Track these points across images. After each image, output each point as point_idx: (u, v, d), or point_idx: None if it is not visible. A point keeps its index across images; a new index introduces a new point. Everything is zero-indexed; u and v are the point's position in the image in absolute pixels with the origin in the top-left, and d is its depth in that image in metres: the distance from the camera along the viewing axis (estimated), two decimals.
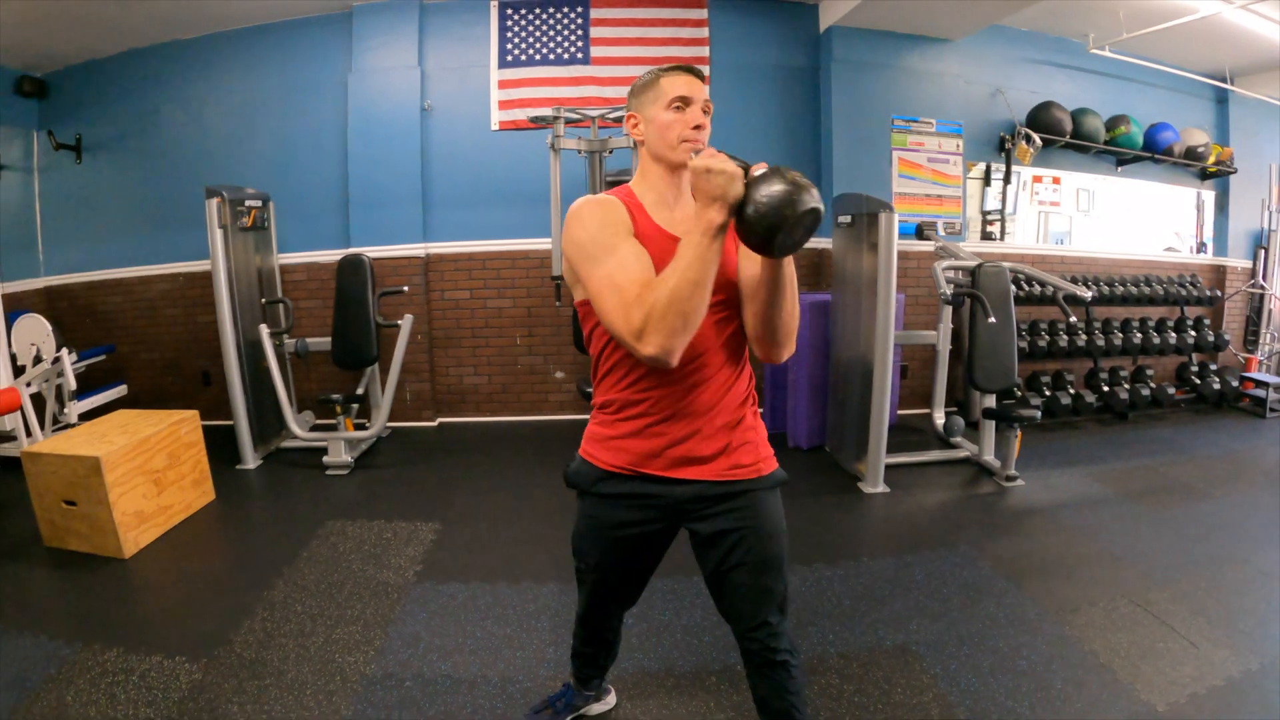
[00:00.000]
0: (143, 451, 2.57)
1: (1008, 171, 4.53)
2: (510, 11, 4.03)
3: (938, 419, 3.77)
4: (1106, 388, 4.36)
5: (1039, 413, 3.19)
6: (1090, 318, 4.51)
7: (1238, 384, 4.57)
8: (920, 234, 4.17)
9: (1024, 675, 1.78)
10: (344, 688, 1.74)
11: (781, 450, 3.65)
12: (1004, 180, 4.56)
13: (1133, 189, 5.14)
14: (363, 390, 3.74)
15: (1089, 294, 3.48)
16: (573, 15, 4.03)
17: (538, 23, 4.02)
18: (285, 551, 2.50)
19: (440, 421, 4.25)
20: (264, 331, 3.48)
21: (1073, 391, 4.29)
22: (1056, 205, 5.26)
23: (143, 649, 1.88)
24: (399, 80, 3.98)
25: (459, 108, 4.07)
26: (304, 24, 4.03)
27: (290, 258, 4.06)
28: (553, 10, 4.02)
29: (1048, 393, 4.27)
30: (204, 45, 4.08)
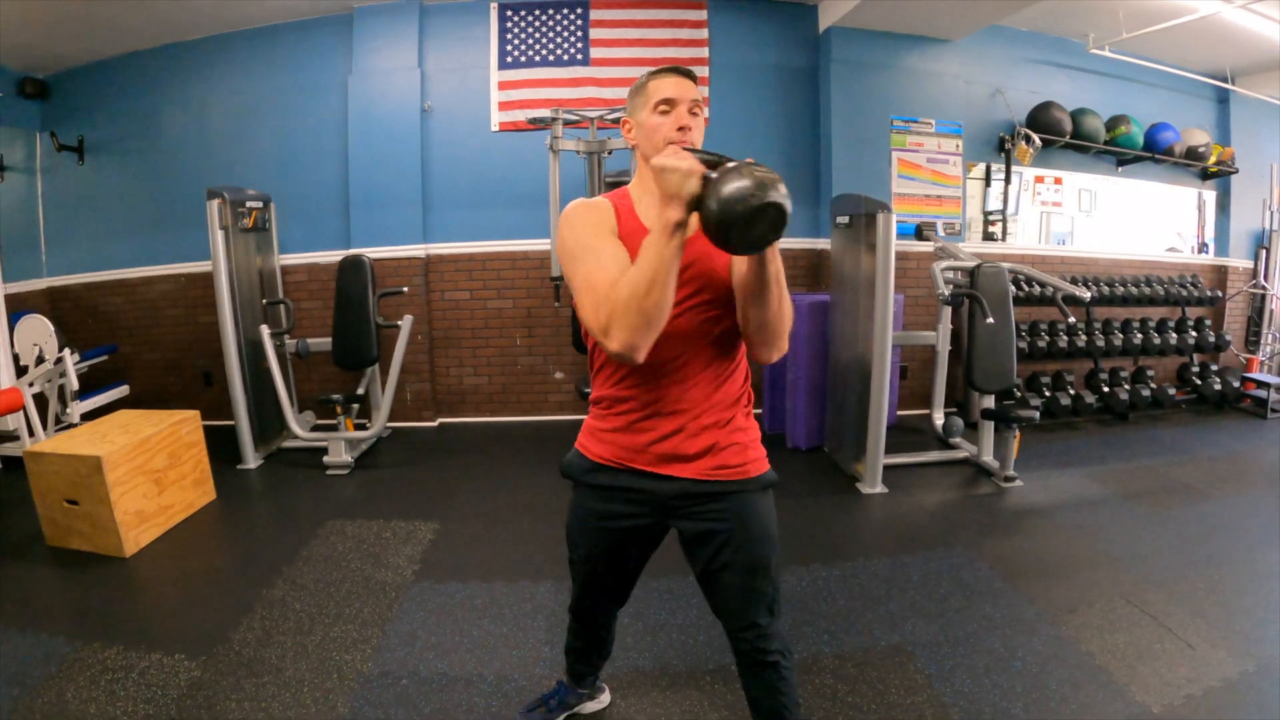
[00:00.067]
0: (144, 451, 2.59)
1: (1007, 172, 4.53)
2: (510, 13, 4.04)
3: (937, 419, 3.77)
4: (1106, 388, 4.34)
5: (1038, 413, 3.19)
6: (1090, 318, 4.50)
7: (1239, 384, 4.56)
8: (919, 234, 4.17)
9: (1019, 676, 1.78)
10: (341, 685, 1.76)
11: (780, 450, 3.68)
12: (1004, 181, 4.56)
13: (1134, 189, 5.13)
14: (363, 390, 3.75)
15: (1088, 294, 3.48)
16: (572, 16, 4.04)
17: (537, 24, 4.03)
18: (285, 550, 2.51)
19: (440, 422, 4.26)
20: (265, 332, 3.50)
21: (1072, 392, 4.28)
22: (1058, 206, 5.26)
23: (142, 646, 1.90)
24: (399, 81, 3.99)
25: (459, 109, 4.08)
26: (305, 26, 4.05)
27: (291, 258, 4.08)
28: (552, 12, 4.03)
29: (1047, 393, 4.25)
30: (205, 47, 4.10)
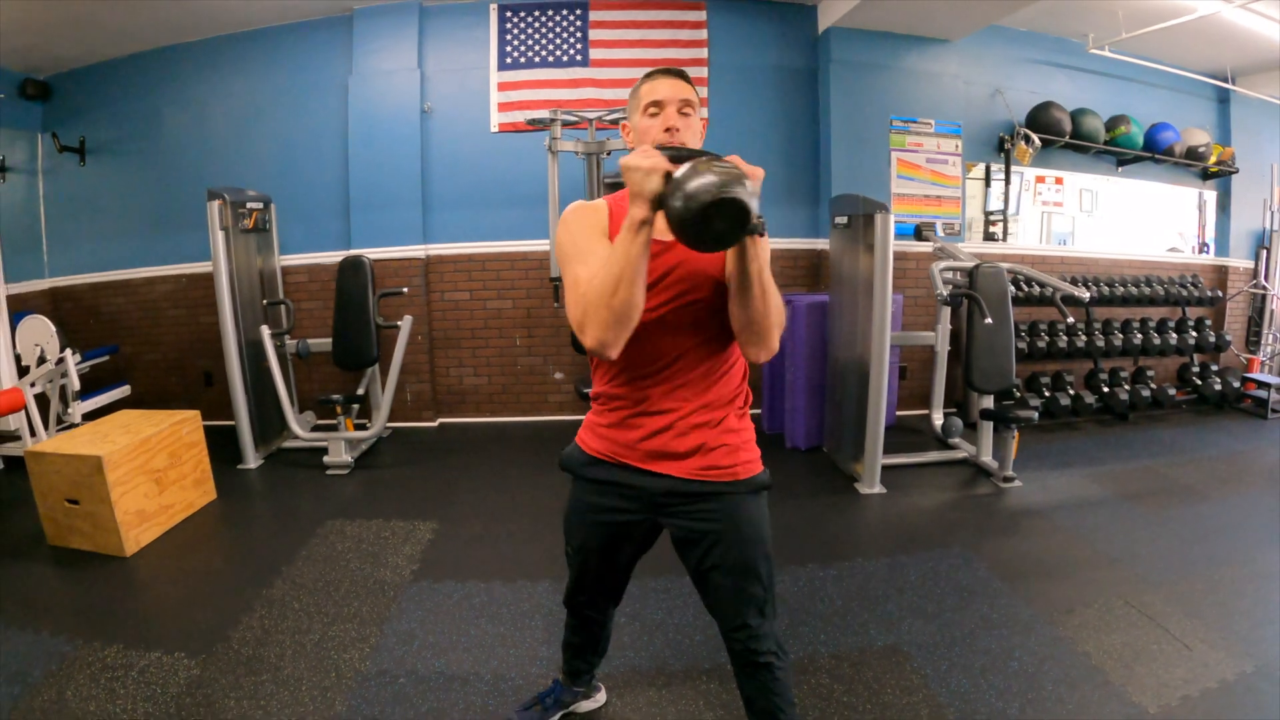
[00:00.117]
0: (144, 451, 2.60)
1: (1007, 172, 4.52)
2: (509, 14, 4.05)
3: (936, 420, 3.77)
4: (1106, 388, 4.34)
5: (1036, 414, 3.19)
6: (1090, 318, 4.49)
7: (1239, 385, 4.55)
8: (919, 235, 4.17)
9: (1015, 676, 1.78)
10: (339, 684, 1.77)
11: (779, 450, 3.69)
12: (1004, 181, 4.56)
13: (1134, 189, 5.12)
14: (363, 391, 3.77)
15: (1086, 295, 3.48)
16: (571, 18, 4.04)
17: (537, 25, 4.04)
18: (285, 550, 2.53)
19: (441, 422, 4.27)
20: (265, 332, 3.51)
21: (1072, 392, 4.27)
22: (1059, 206, 5.26)
23: (142, 645, 1.91)
24: (399, 83, 4.00)
25: (459, 110, 4.09)
26: (305, 27, 4.06)
27: (291, 259, 4.09)
28: (552, 13, 4.04)
29: (1047, 394, 4.25)
30: (206, 48, 4.12)
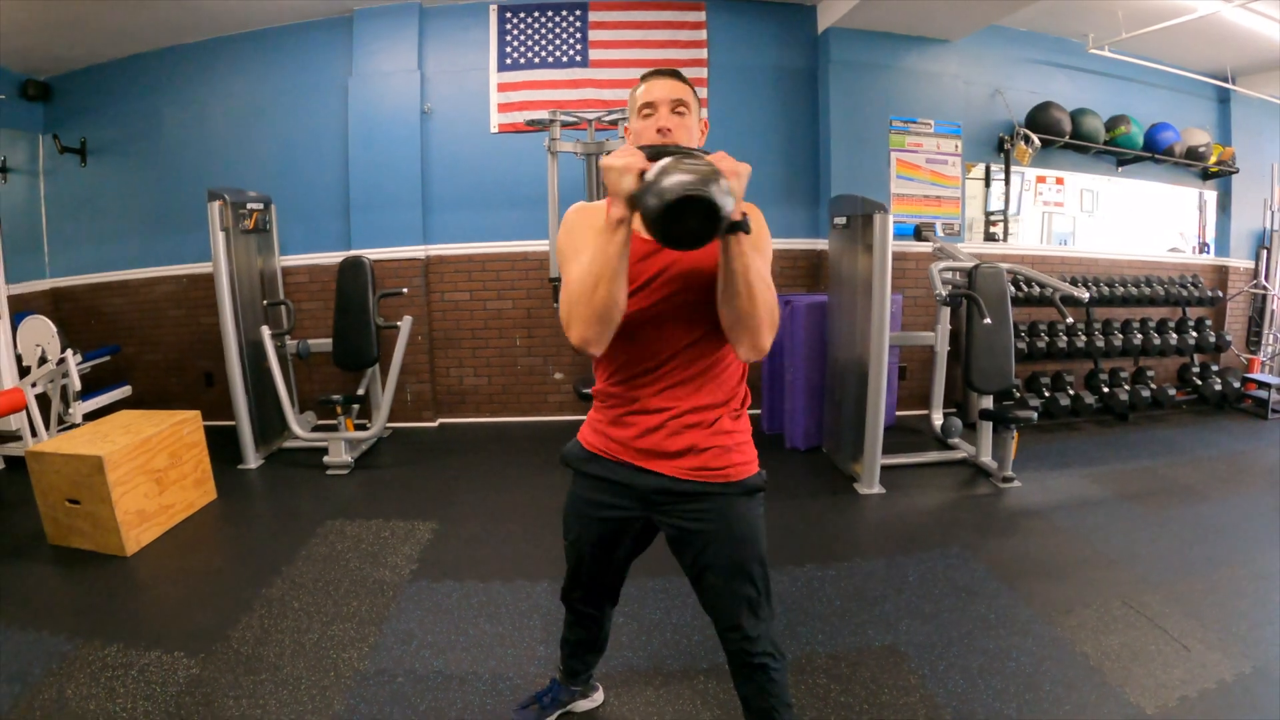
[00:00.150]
0: (144, 451, 2.61)
1: (1007, 172, 4.52)
2: (509, 15, 4.06)
3: (935, 420, 3.77)
4: (1106, 389, 4.34)
5: (1035, 414, 3.19)
6: (1090, 319, 4.49)
7: (1239, 385, 4.54)
8: (918, 235, 4.17)
9: (1013, 677, 1.78)
10: (337, 683, 1.77)
11: (778, 451, 3.69)
12: (1004, 181, 4.55)
13: (1134, 189, 5.12)
14: (363, 391, 3.77)
15: (1085, 295, 3.47)
16: (571, 19, 4.05)
17: (536, 26, 4.05)
18: (284, 550, 2.53)
19: (441, 422, 4.28)
20: (266, 333, 3.52)
21: (1072, 393, 4.27)
22: (1060, 206, 5.25)
23: (142, 644, 1.92)
24: (399, 83, 4.01)
25: (458, 111, 4.10)
26: (305, 28, 4.07)
27: (292, 260, 4.10)
28: (551, 14, 4.05)
29: (1047, 394, 4.25)
30: (206, 49, 4.13)
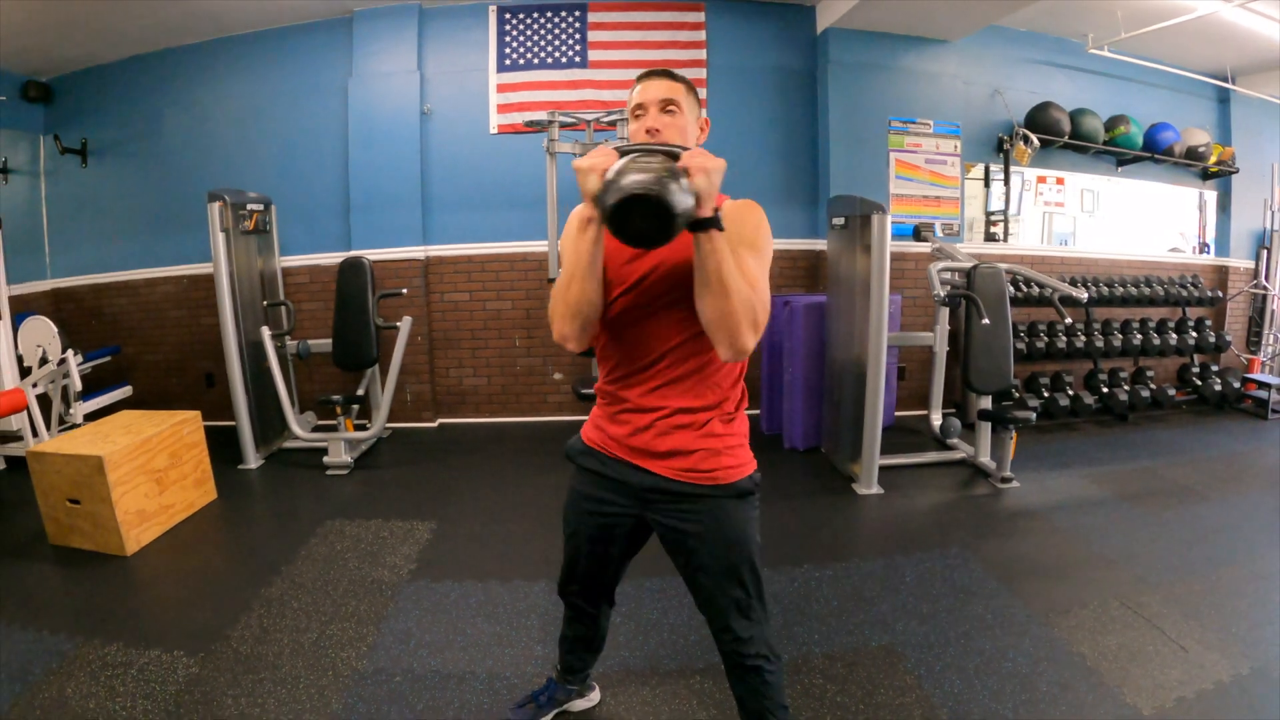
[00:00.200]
0: (145, 451, 2.62)
1: (1006, 173, 4.52)
2: (509, 16, 4.06)
3: (934, 420, 3.77)
4: (1106, 389, 4.33)
5: (1034, 414, 3.19)
6: (1090, 319, 4.49)
7: (1239, 385, 4.54)
8: (918, 235, 4.18)
9: (1009, 677, 1.78)
10: (335, 682, 1.78)
11: (777, 451, 3.69)
12: (1004, 181, 4.55)
13: (1135, 189, 5.11)
14: (363, 391, 3.78)
15: (1084, 295, 3.47)
16: (570, 19, 4.06)
17: (536, 27, 4.05)
18: (284, 549, 2.54)
19: (440, 422, 4.29)
20: (266, 333, 3.53)
21: (1071, 393, 4.27)
22: (1061, 206, 5.25)
23: (142, 643, 1.92)
24: (399, 84, 4.02)
25: (458, 111, 4.10)
26: (305, 29, 4.08)
27: (292, 260, 4.11)
28: (550, 15, 4.05)
29: (1046, 394, 4.25)
30: (207, 50, 4.14)
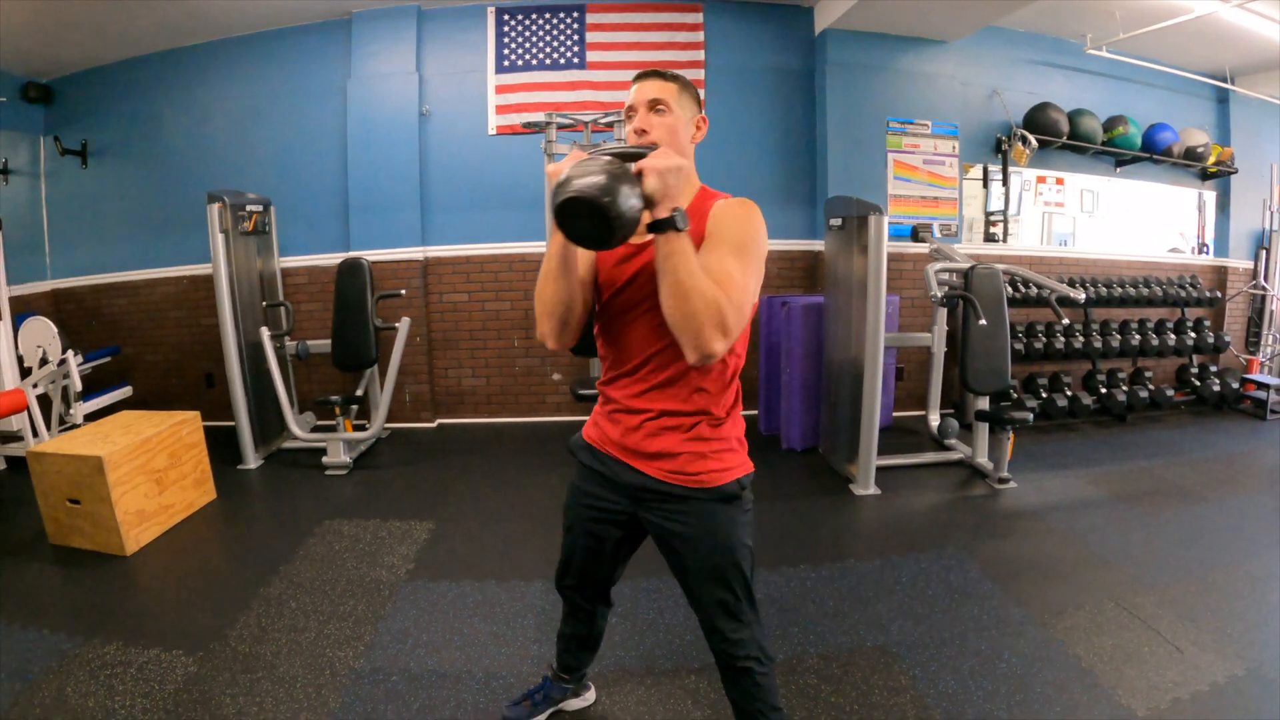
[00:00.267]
0: (144, 451, 2.63)
1: (1005, 173, 4.52)
2: (507, 17, 4.07)
3: (932, 421, 3.78)
4: (1104, 389, 4.33)
5: (1030, 415, 3.19)
6: (1088, 319, 4.49)
7: (1238, 386, 4.54)
8: (915, 236, 4.18)
9: (1004, 678, 1.79)
10: (333, 681, 1.79)
11: (775, 451, 3.70)
12: (1002, 182, 4.55)
13: (1134, 190, 5.12)
14: (362, 392, 3.79)
15: (1081, 296, 3.47)
16: (569, 21, 4.06)
17: (534, 28, 4.06)
18: (282, 549, 2.55)
19: (439, 423, 4.29)
20: (265, 334, 3.54)
21: (1069, 393, 4.27)
22: (1060, 206, 5.25)
23: (141, 643, 1.94)
24: (398, 85, 4.03)
25: (457, 112, 4.11)
26: (304, 30, 4.09)
27: (291, 261, 4.12)
28: (549, 16, 4.06)
29: (1044, 395, 4.25)
30: (206, 52, 4.15)
